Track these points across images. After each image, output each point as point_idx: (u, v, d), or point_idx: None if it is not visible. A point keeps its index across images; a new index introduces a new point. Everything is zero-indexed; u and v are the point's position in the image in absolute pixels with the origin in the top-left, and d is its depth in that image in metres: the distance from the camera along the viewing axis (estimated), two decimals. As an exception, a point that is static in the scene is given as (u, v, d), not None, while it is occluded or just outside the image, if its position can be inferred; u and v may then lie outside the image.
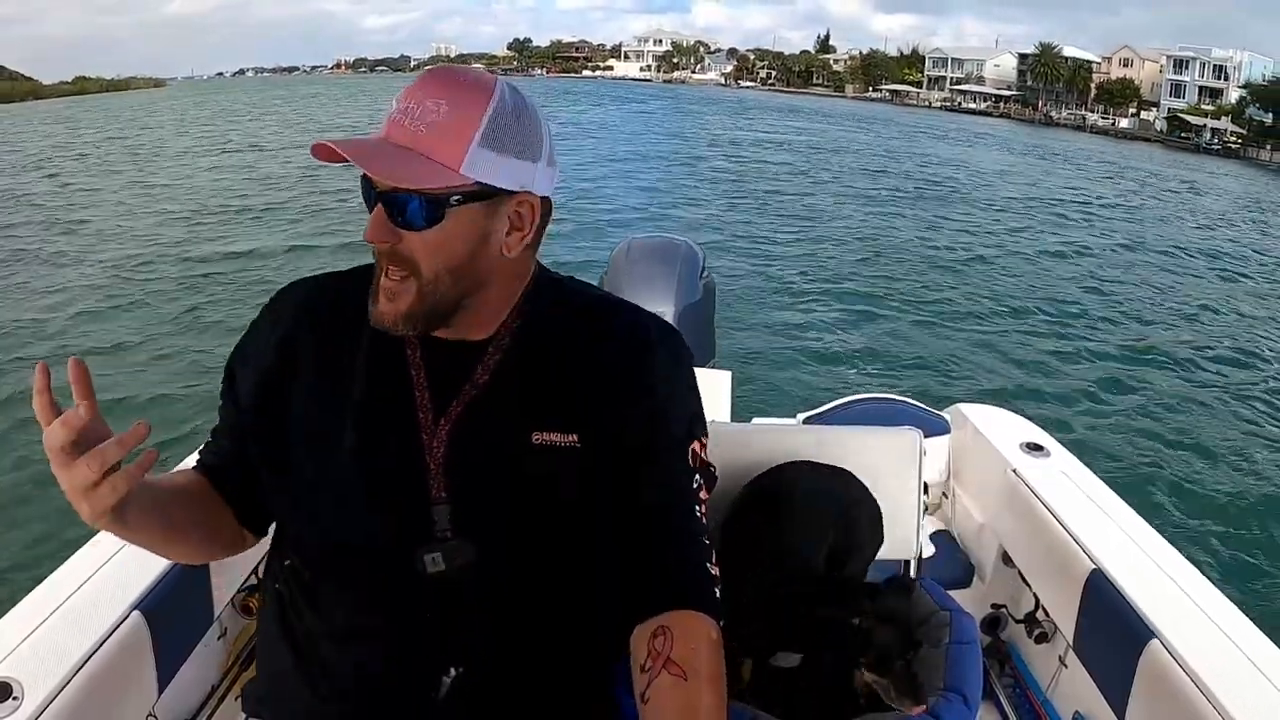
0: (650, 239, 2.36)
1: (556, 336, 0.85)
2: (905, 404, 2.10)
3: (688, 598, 0.80)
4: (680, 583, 0.81)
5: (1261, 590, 4.07)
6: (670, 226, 12.07)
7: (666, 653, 0.75)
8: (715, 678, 0.76)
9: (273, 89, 69.96)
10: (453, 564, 0.80)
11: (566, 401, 0.83)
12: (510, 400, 0.82)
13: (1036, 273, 11.00)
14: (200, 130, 29.95)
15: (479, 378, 0.83)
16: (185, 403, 5.65)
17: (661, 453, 0.84)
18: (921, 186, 18.78)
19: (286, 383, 0.84)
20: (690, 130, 31.83)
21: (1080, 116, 62.04)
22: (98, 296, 8.36)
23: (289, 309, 0.88)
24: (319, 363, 0.84)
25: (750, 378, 6.00)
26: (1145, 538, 1.44)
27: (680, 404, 0.87)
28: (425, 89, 0.75)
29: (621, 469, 0.82)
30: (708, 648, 0.77)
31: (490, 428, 0.82)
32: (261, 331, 0.87)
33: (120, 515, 0.71)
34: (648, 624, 0.78)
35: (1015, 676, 1.66)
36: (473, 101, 0.75)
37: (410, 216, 0.75)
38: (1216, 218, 18.75)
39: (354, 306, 0.83)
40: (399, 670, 0.82)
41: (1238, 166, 39.16)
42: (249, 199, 14.60)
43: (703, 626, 0.78)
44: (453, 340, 0.83)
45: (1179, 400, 6.76)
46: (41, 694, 0.95)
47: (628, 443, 0.83)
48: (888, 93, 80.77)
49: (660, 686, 0.74)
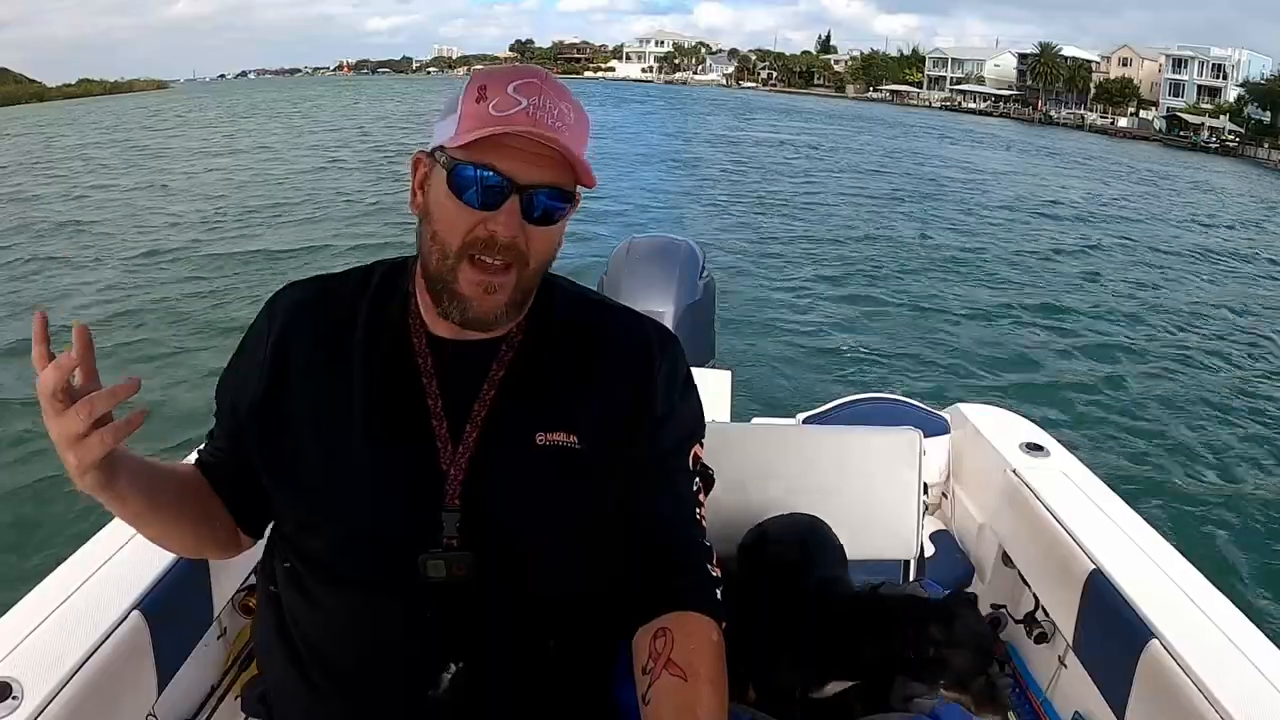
0: (650, 239, 2.36)
1: (558, 338, 0.85)
2: (905, 404, 2.10)
3: (688, 599, 0.80)
4: (681, 585, 0.81)
5: (1261, 590, 4.07)
6: (669, 226, 12.07)
7: (667, 654, 0.76)
8: (716, 678, 0.76)
9: (307, 88, 69.68)
10: (454, 570, 0.80)
11: (566, 403, 0.83)
12: (520, 401, 0.82)
13: (1036, 272, 10.99)
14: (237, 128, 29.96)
15: (495, 375, 0.82)
16: (200, 401, 5.64)
17: (661, 458, 0.85)
18: (920, 186, 18.77)
19: (285, 386, 0.83)
20: (689, 130, 31.82)
21: (1079, 116, 62.39)
22: (120, 295, 8.41)
23: (284, 312, 0.87)
24: (318, 366, 0.83)
25: (750, 378, 6.00)
26: (1145, 538, 1.44)
27: (679, 409, 0.87)
28: (549, 88, 0.76)
29: (621, 473, 0.82)
30: (709, 649, 0.77)
31: (507, 430, 0.81)
32: (259, 335, 0.87)
33: (109, 478, 0.71)
34: (649, 626, 0.79)
35: (1015, 677, 1.66)
36: (581, 107, 0.78)
37: (552, 211, 0.77)
38: (1215, 216, 18.74)
39: (351, 308, 0.83)
40: (399, 670, 0.82)
41: (1234, 164, 39.55)
42: (290, 196, 14.69)
43: (703, 628, 0.79)
44: (461, 340, 0.82)
45: (1179, 401, 6.76)
46: (41, 694, 0.95)
47: (627, 448, 0.83)
48: (888, 93, 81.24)
49: (661, 687, 0.74)
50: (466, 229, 0.75)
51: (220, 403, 0.89)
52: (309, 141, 25.14)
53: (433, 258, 0.78)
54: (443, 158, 0.76)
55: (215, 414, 0.90)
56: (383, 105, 44.94)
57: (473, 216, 0.75)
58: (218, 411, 0.90)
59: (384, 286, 0.87)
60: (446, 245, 0.76)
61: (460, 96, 0.77)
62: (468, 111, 0.75)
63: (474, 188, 0.74)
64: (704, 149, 24.85)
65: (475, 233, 0.75)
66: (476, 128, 0.73)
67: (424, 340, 0.83)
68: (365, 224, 12.19)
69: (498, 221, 0.74)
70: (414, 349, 0.83)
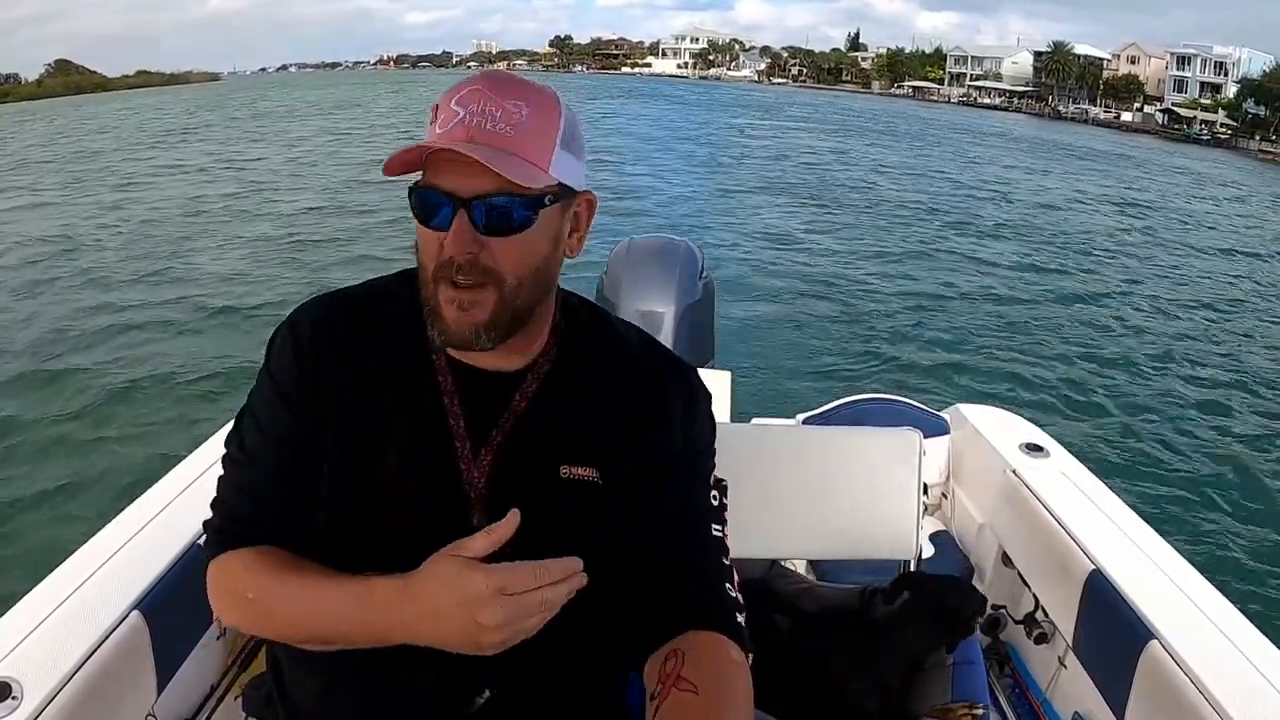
0: (650, 239, 2.36)
1: (583, 370, 0.84)
2: (905, 404, 2.10)
3: (701, 620, 0.78)
4: (694, 608, 0.79)
5: (1261, 590, 4.07)
6: (668, 225, 12.06)
7: (676, 672, 0.73)
8: (729, 694, 0.72)
9: (374, 84, 69.71)
10: None
11: (588, 436, 0.82)
12: (544, 431, 0.81)
13: (1035, 272, 10.98)
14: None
15: (517, 405, 0.81)
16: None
17: (678, 487, 0.84)
18: (919, 185, 18.75)
19: (315, 409, 0.79)
20: (706, 127, 31.78)
21: (1084, 111, 63.71)
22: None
23: (307, 333, 0.82)
24: (347, 386, 0.80)
25: (750, 378, 6.00)
26: (1144, 538, 1.44)
27: (699, 438, 0.87)
28: (492, 91, 0.72)
29: (638, 505, 0.82)
30: (727, 667, 0.74)
31: (527, 458, 0.80)
32: (283, 352, 0.82)
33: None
34: (660, 652, 0.76)
35: (1014, 677, 1.66)
36: (547, 103, 0.75)
37: (505, 221, 0.72)
38: (1213, 211, 18.75)
39: (377, 327, 0.82)
40: (426, 694, 0.80)
41: (1224, 155, 41.42)
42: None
43: (719, 646, 0.76)
44: (488, 370, 0.81)
45: (1179, 401, 6.76)
46: (41, 694, 0.95)
47: (647, 482, 0.82)
48: (911, 89, 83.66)
49: (669, 707, 0.71)
50: (434, 253, 0.74)
51: (249, 437, 0.82)
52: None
53: (420, 284, 0.77)
54: (412, 185, 0.75)
55: (244, 449, 0.82)
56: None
57: (436, 239, 0.73)
58: (245, 446, 0.82)
59: (408, 302, 0.83)
60: (424, 271, 0.76)
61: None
62: (427, 135, 0.74)
63: (430, 210, 0.73)
64: (714, 145, 24.86)
65: (441, 256, 0.73)
66: (424, 150, 0.73)
67: (443, 359, 0.81)
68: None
69: (449, 240, 0.72)
70: (435, 367, 0.81)
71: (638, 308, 1.95)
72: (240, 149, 21.53)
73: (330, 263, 9.68)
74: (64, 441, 4.87)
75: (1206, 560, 4.20)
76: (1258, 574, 4.24)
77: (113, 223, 11.87)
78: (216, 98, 51.99)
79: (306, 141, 23.36)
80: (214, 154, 20.30)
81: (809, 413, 2.11)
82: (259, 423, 0.81)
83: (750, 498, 1.47)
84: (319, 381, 0.79)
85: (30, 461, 4.69)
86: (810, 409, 2.13)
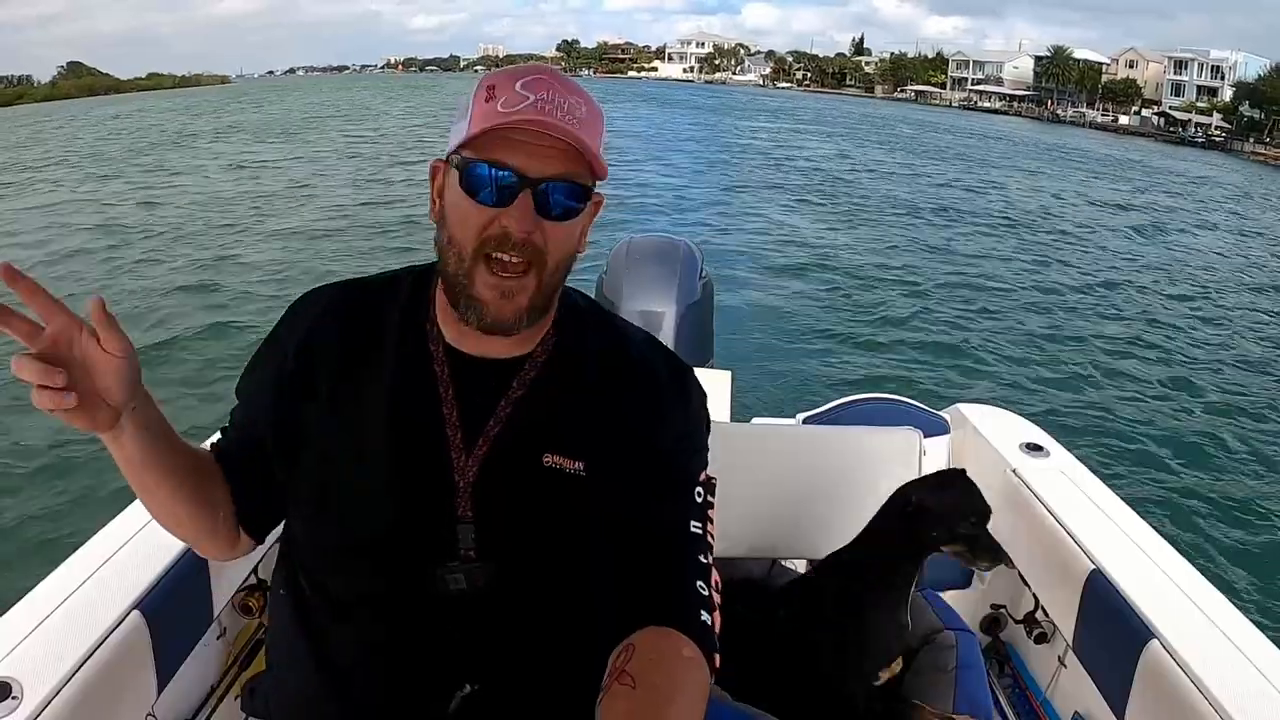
0: (649, 239, 2.36)
1: (580, 363, 0.85)
2: (905, 404, 2.10)
3: (658, 615, 0.78)
4: (653, 603, 0.79)
5: (1261, 590, 4.07)
6: (667, 225, 12.07)
7: (622, 666, 0.72)
8: (669, 689, 0.72)
9: (394, 86, 69.99)
10: (474, 583, 0.79)
11: (576, 428, 0.82)
12: (536, 420, 0.82)
13: (1035, 272, 10.99)
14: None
15: (514, 392, 0.82)
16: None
17: (666, 486, 0.84)
18: (919, 186, 18.76)
19: (306, 391, 0.82)
20: (711, 130, 31.81)
21: (1082, 114, 64.11)
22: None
23: (309, 317, 0.85)
24: (340, 372, 0.82)
25: (750, 378, 5.99)
26: (1145, 538, 1.44)
27: (692, 440, 0.87)
28: (557, 83, 0.75)
29: (622, 500, 0.82)
30: (670, 662, 0.74)
31: (518, 448, 0.81)
32: (281, 338, 0.85)
33: (121, 416, 0.71)
34: (619, 646, 0.76)
35: (1015, 677, 1.66)
36: (595, 103, 0.78)
37: (567, 206, 0.75)
38: (1213, 212, 18.77)
39: (375, 314, 0.83)
40: (412, 685, 0.81)
41: (1218, 156, 42.13)
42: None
43: (670, 641, 0.76)
44: (483, 357, 0.82)
45: (1179, 401, 6.76)
46: (41, 693, 0.95)
47: (635, 479, 0.82)
48: (913, 93, 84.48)
49: (607, 698, 0.71)
50: (481, 227, 0.74)
51: (240, 400, 0.88)
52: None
53: (450, 262, 0.77)
54: (456, 159, 0.76)
55: (232, 411, 0.89)
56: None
57: (486, 214, 0.74)
58: (236, 409, 0.88)
59: (410, 293, 0.86)
60: (462, 247, 0.76)
61: (471, 99, 0.77)
62: (478, 112, 0.75)
63: (486, 185, 0.74)
64: (720, 147, 24.88)
65: (489, 230, 0.74)
66: (485, 125, 0.73)
67: (441, 348, 0.82)
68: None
69: (510, 217, 0.73)
70: (432, 356, 0.82)
71: (637, 307, 1.96)
72: (271, 151, 21.83)
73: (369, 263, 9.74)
74: (64, 441, 4.87)
75: (1207, 560, 4.21)
76: (1258, 574, 4.24)
77: (139, 221, 12.01)
78: (246, 99, 52.02)
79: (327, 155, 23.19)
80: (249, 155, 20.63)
81: (809, 412, 2.10)
82: (241, 387, 0.88)
83: (750, 497, 1.47)
84: (308, 365, 0.82)
85: (30, 461, 4.69)
86: (810, 409, 2.13)
